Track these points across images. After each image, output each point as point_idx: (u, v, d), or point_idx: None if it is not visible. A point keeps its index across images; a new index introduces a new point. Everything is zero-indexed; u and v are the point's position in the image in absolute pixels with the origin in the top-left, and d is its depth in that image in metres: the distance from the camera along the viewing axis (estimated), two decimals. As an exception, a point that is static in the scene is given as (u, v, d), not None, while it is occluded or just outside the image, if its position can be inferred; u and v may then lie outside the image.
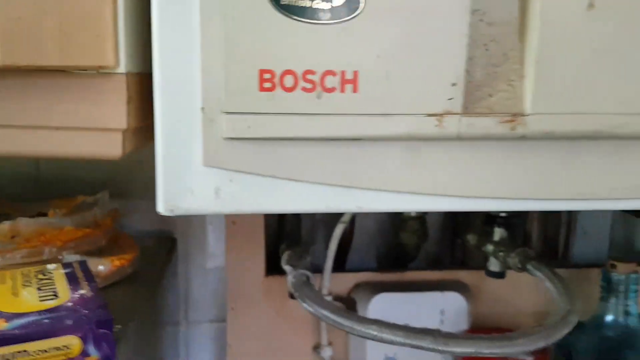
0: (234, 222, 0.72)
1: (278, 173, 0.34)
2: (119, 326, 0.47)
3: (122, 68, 0.34)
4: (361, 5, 0.32)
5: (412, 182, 0.35)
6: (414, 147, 0.34)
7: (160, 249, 0.72)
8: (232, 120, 0.32)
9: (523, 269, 0.63)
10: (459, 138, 0.33)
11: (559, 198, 0.34)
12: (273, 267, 0.74)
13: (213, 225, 0.79)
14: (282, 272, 0.73)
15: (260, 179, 0.34)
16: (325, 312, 0.50)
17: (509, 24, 0.33)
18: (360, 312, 0.73)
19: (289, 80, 0.32)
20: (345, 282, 0.76)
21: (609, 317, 0.62)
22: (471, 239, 0.74)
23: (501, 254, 0.68)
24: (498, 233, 0.71)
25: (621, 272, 0.61)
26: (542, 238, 0.83)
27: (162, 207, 0.34)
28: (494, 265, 0.70)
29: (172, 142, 0.34)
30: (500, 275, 0.72)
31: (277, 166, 0.34)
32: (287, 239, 0.73)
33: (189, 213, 0.34)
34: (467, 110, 0.33)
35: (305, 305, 0.53)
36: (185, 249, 0.80)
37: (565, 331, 0.50)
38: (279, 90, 0.32)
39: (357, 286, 0.76)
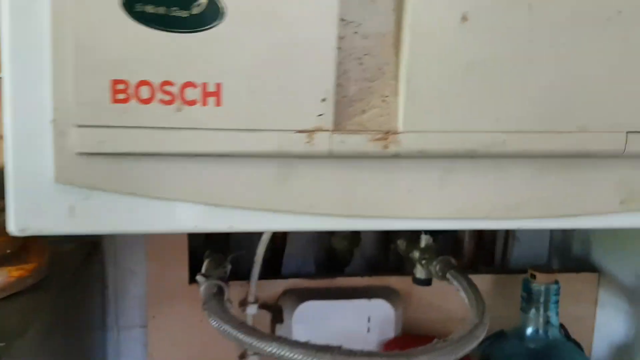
0: (155, 227, 0.70)
1: (139, 190, 0.32)
2: (2, 343, 0.44)
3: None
4: (223, 13, 0.30)
5: (287, 200, 0.33)
6: (287, 164, 0.32)
7: (78, 253, 0.69)
8: (83, 134, 0.30)
9: (444, 277, 0.62)
10: (331, 156, 0.31)
11: (435, 217, 0.33)
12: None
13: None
14: (206, 279, 0.71)
15: (120, 196, 0.32)
16: (227, 327, 0.48)
17: (384, 37, 0.31)
18: (287, 320, 0.72)
19: (144, 92, 0.30)
20: (274, 288, 0.74)
21: (530, 329, 0.61)
22: (400, 244, 0.73)
23: (424, 261, 0.67)
24: (424, 240, 0.70)
25: (541, 282, 0.61)
26: (476, 244, 0.82)
27: (12, 227, 0.31)
28: (419, 272, 0.69)
29: (23, 156, 0.31)
30: (426, 282, 0.71)
31: (137, 183, 0.31)
32: (212, 245, 0.71)
33: (42, 233, 0.31)
34: (339, 127, 0.31)
35: (209, 318, 0.51)
36: (114, 251, 0.77)
37: (471, 346, 0.48)
38: (133, 102, 0.30)
39: (285, 293, 0.74)
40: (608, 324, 0.76)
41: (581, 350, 0.64)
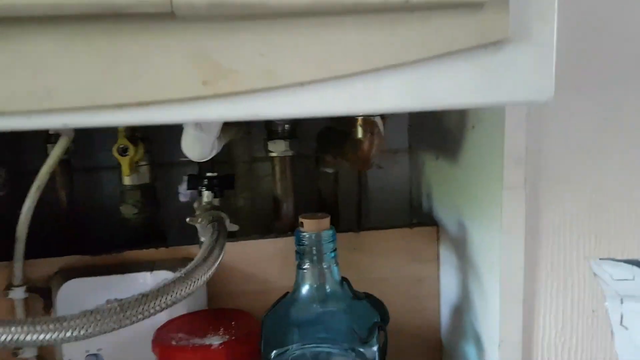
0: None
1: None
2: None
3: None
4: None
5: None
6: None
7: None
8: None
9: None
10: None
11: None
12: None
13: None
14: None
15: None
16: None
17: None
18: (54, 304, 0.61)
19: None
20: (48, 268, 0.63)
21: (306, 286, 0.51)
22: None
23: (201, 220, 0.56)
24: (205, 196, 0.59)
25: (310, 229, 0.50)
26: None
27: None
28: (202, 236, 0.59)
29: None
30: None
31: None
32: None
33: None
34: None
35: None
36: None
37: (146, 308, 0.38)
38: None
39: (57, 273, 0.63)
40: (448, 282, 0.66)
41: (377, 307, 0.53)
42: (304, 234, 0.50)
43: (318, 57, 0.26)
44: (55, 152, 0.58)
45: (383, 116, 0.51)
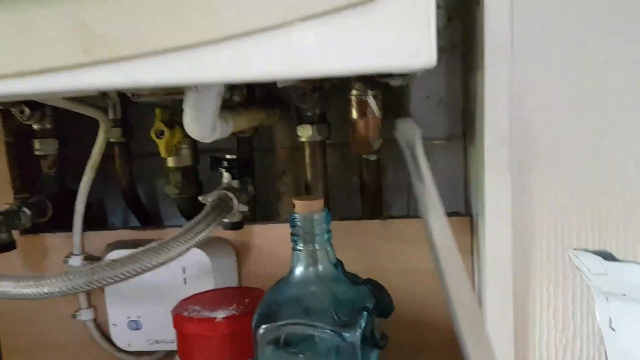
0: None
1: None
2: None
3: None
4: None
5: None
6: None
7: None
8: None
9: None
10: None
11: None
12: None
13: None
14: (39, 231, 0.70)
15: None
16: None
17: None
18: (103, 271, 0.67)
19: None
20: (102, 241, 0.71)
21: (300, 269, 0.51)
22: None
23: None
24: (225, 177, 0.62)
25: (303, 210, 0.50)
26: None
27: None
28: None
29: None
30: (235, 226, 0.63)
31: None
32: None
33: None
34: None
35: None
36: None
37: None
38: None
39: (110, 245, 0.70)
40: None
41: (377, 294, 0.51)
42: (297, 215, 0.51)
43: (185, 22, 0.27)
44: (100, 135, 0.65)
45: (376, 96, 0.49)
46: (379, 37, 0.26)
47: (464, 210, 0.77)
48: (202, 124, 0.50)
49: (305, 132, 0.66)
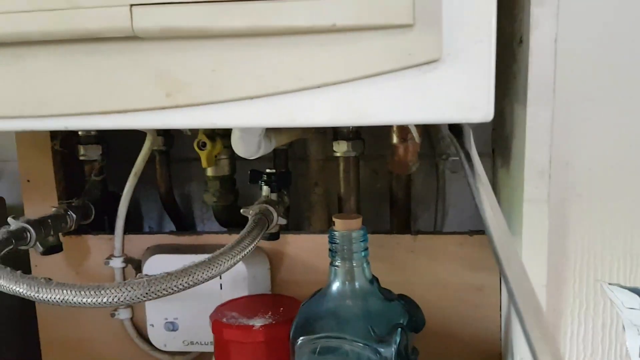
0: (28, 180, 0.73)
1: None
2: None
3: None
4: None
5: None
6: None
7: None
8: None
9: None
10: None
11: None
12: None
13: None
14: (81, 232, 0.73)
15: None
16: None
17: None
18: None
19: None
20: (141, 244, 0.73)
21: (337, 284, 0.53)
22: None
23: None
24: (264, 190, 0.64)
25: (342, 228, 0.53)
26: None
27: None
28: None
29: None
30: (273, 237, 0.65)
31: None
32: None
33: None
34: None
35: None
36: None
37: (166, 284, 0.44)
38: None
39: (149, 249, 0.73)
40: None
41: (410, 310, 0.54)
42: (336, 232, 0.53)
43: (257, 74, 0.29)
44: (146, 145, 0.68)
45: (417, 122, 0.51)
46: (441, 93, 0.28)
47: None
48: (248, 143, 0.52)
49: (340, 148, 0.68)
